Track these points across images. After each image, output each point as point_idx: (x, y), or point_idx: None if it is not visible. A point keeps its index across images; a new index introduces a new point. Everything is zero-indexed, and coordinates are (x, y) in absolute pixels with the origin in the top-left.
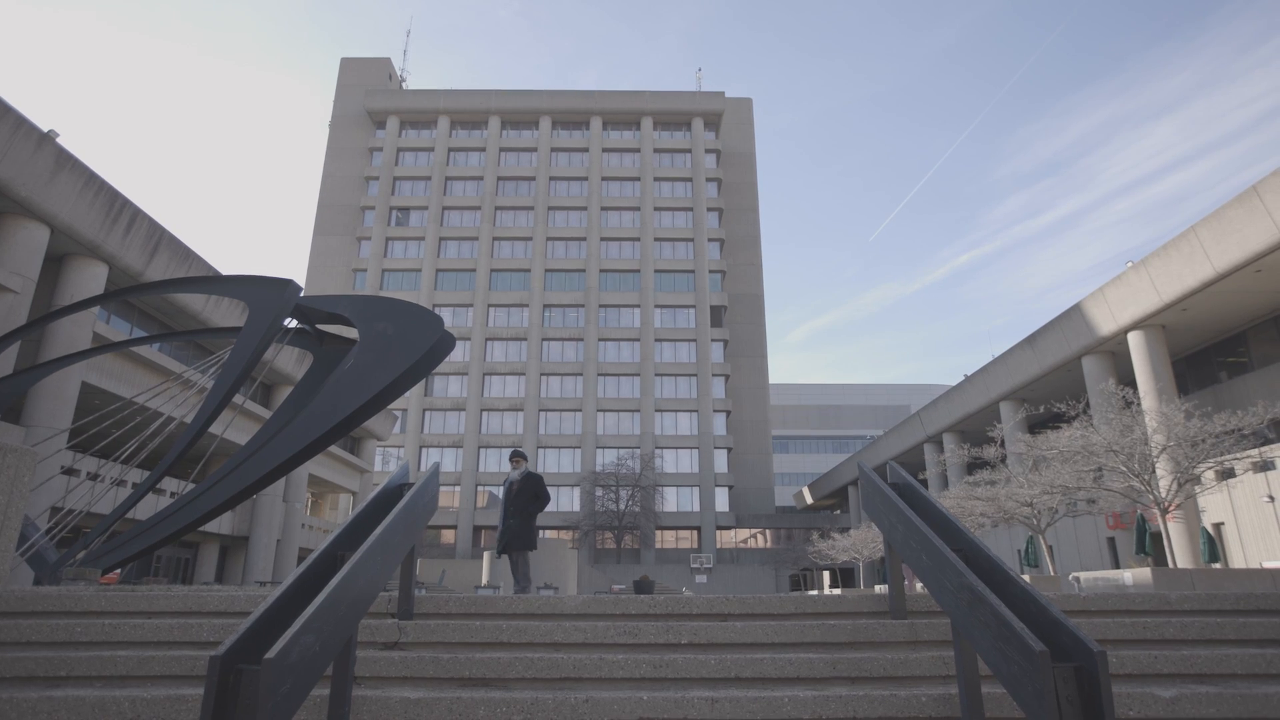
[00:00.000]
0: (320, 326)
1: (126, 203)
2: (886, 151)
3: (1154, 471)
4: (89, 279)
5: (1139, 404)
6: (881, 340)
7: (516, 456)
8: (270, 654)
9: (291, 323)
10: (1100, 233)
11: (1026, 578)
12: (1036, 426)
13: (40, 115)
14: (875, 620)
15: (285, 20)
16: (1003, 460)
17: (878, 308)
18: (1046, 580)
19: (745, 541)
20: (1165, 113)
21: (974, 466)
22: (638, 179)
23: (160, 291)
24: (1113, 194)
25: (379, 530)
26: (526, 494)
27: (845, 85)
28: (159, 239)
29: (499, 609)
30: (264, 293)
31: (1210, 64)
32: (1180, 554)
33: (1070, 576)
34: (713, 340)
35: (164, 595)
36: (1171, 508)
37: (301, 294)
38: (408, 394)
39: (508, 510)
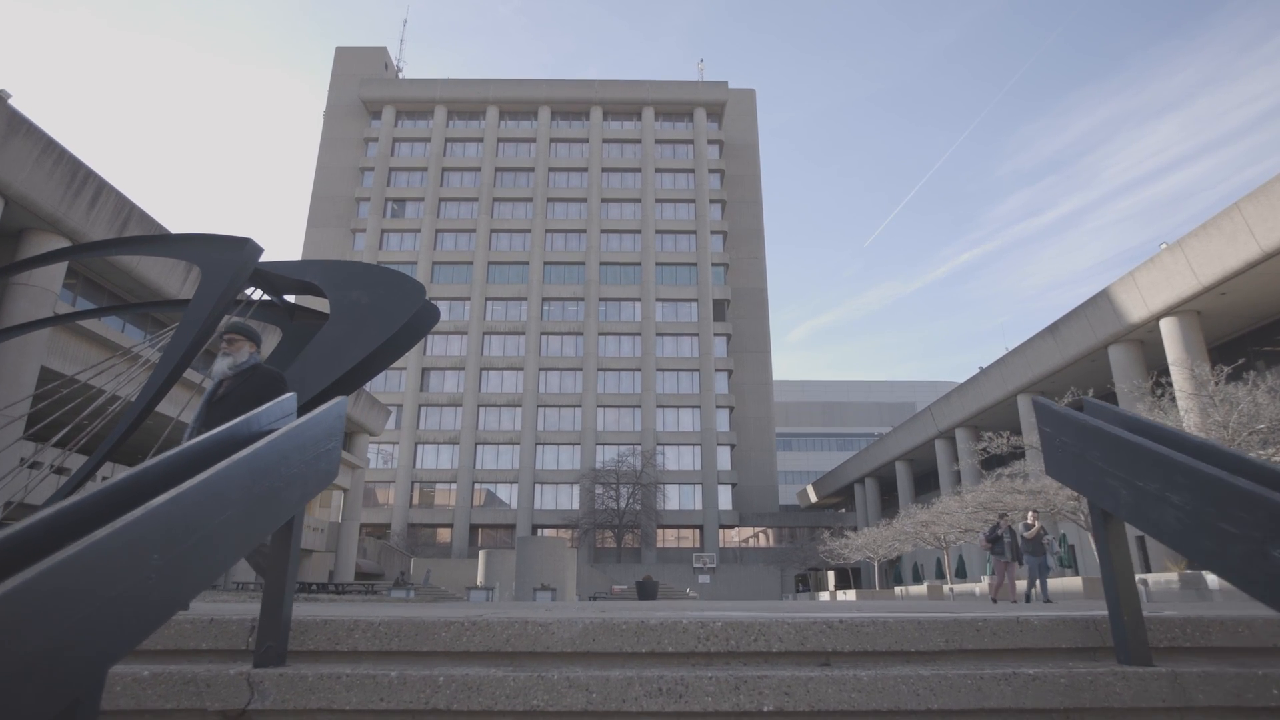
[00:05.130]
0: (291, 300)
1: (90, 173)
2: (887, 150)
3: None
4: None
5: (1173, 389)
6: (882, 339)
7: (234, 334)
8: None
9: (257, 294)
10: (1101, 231)
11: (1079, 580)
12: None
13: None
14: (1099, 666)
15: (281, 16)
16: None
17: (878, 307)
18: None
19: (748, 541)
20: (1167, 111)
21: (991, 462)
22: (639, 170)
23: (102, 253)
24: (1114, 192)
25: (173, 493)
26: (247, 406)
27: (845, 84)
28: (128, 214)
29: (439, 644)
30: (218, 254)
31: (1212, 62)
32: None
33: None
34: (715, 335)
35: None
36: None
37: (263, 256)
38: (402, 388)
39: (204, 430)
